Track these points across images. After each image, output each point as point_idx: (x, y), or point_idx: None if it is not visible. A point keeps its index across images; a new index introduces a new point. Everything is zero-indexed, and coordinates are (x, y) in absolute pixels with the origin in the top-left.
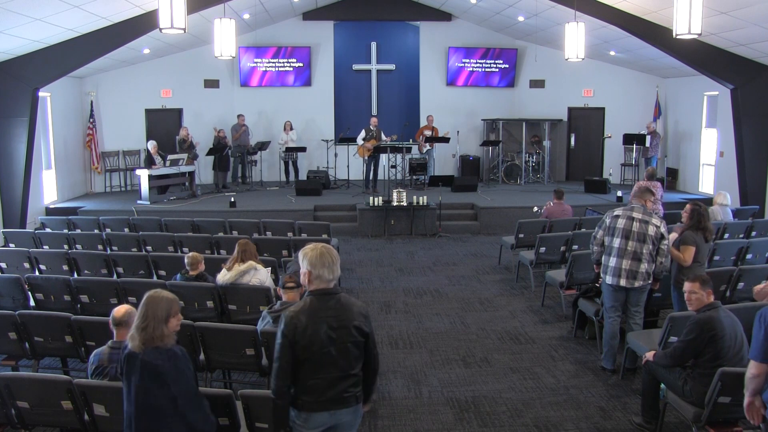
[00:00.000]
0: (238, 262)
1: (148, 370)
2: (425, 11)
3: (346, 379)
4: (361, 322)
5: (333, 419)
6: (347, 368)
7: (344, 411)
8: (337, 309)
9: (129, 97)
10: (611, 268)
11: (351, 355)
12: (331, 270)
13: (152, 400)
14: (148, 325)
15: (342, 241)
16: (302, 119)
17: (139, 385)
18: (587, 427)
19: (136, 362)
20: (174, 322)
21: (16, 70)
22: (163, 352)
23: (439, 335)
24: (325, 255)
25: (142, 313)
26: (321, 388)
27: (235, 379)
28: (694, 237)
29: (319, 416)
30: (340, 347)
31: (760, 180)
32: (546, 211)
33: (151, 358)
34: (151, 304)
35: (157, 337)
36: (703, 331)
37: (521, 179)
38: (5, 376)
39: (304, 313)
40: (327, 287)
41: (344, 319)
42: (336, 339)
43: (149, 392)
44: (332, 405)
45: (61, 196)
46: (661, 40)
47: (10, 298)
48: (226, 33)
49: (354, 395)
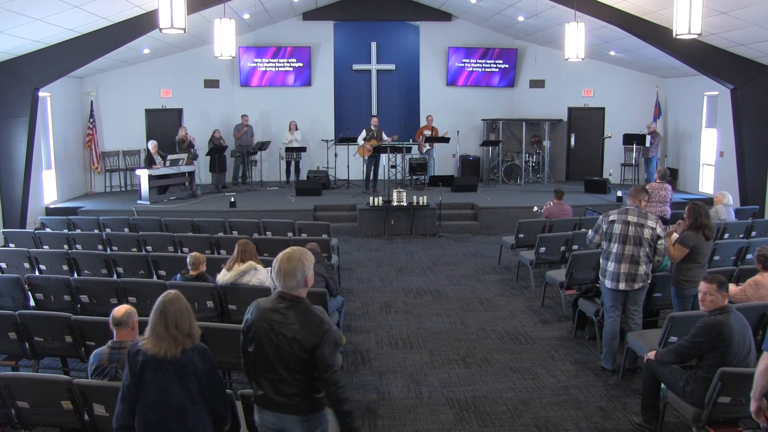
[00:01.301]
0: (238, 262)
1: (183, 371)
2: (425, 11)
3: (287, 385)
4: (306, 339)
5: (280, 423)
6: (285, 375)
7: (290, 417)
8: (289, 316)
9: (129, 97)
10: (610, 273)
11: (290, 366)
12: (280, 276)
13: (181, 401)
14: (192, 327)
15: (342, 241)
16: (302, 119)
17: (171, 388)
18: (587, 427)
19: (164, 365)
20: None
21: (16, 70)
22: (196, 351)
23: (439, 335)
24: (282, 261)
25: (177, 315)
26: (265, 385)
27: (235, 379)
28: (693, 239)
29: (267, 414)
30: (278, 353)
31: (760, 180)
32: (546, 211)
33: (188, 358)
34: (180, 303)
35: (195, 336)
36: (711, 335)
37: (521, 179)
38: (5, 376)
39: (262, 308)
40: (286, 291)
41: (289, 329)
42: (276, 343)
43: (180, 393)
44: (276, 407)
45: (61, 196)
46: (661, 40)
47: (10, 298)
48: (226, 33)
49: (299, 405)
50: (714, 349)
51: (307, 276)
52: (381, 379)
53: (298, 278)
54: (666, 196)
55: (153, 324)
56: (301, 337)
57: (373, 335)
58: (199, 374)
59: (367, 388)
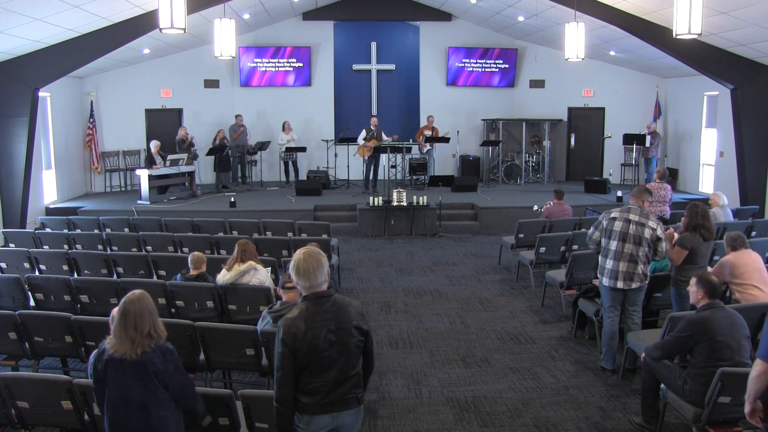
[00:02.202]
0: (238, 262)
1: (143, 371)
2: (425, 11)
3: (348, 381)
4: (360, 321)
5: (335, 422)
6: (348, 369)
7: (346, 413)
8: (334, 311)
9: (129, 97)
10: (608, 271)
11: (352, 356)
12: (307, 277)
13: (143, 400)
14: (152, 328)
15: (342, 241)
16: (302, 119)
17: (131, 387)
18: (587, 427)
19: (125, 365)
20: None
21: (16, 70)
22: (157, 351)
23: (439, 335)
24: (301, 262)
25: (137, 316)
26: (323, 391)
27: (235, 379)
28: (690, 240)
29: (321, 419)
30: (341, 349)
31: (760, 180)
32: (546, 211)
33: (147, 358)
34: (142, 303)
35: (157, 337)
36: (694, 330)
37: (521, 179)
38: (5, 376)
39: (301, 319)
40: (318, 291)
41: (343, 321)
42: (336, 341)
43: (141, 392)
44: (334, 407)
45: (61, 196)
46: (661, 40)
47: (10, 298)
48: (226, 33)
49: (355, 396)
50: (698, 344)
51: (328, 270)
52: (381, 379)
53: (325, 271)
54: (665, 196)
55: (114, 324)
56: (357, 323)
57: (373, 335)
58: (160, 375)
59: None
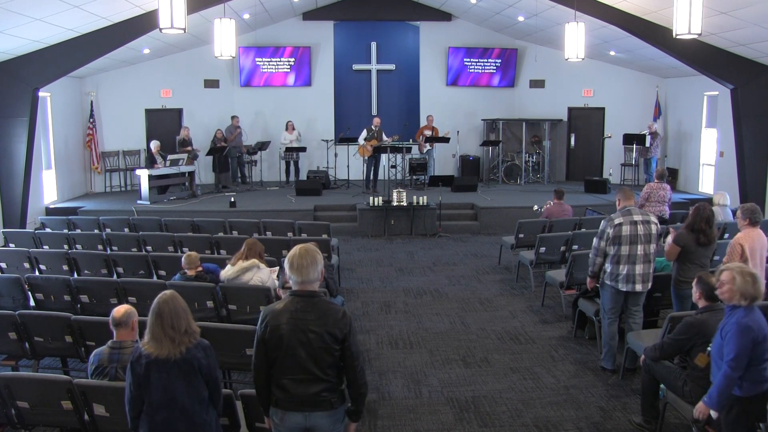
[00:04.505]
0: (242, 259)
1: (190, 369)
2: (425, 11)
3: (318, 382)
4: (336, 329)
5: (307, 421)
6: (318, 372)
7: (319, 414)
8: (313, 312)
9: (129, 97)
10: (624, 276)
11: (322, 361)
12: (300, 272)
13: (188, 399)
14: (188, 326)
15: (342, 241)
16: (302, 119)
17: (176, 387)
18: (587, 427)
19: (168, 365)
20: None
21: (16, 70)
22: (199, 347)
23: (439, 335)
24: (296, 257)
25: (173, 315)
26: (292, 387)
27: (235, 379)
28: (684, 238)
29: (293, 416)
30: (310, 351)
31: (760, 180)
32: (546, 211)
33: (191, 356)
34: (176, 302)
35: (193, 333)
36: (690, 333)
37: (521, 179)
38: (5, 376)
39: (280, 312)
40: (303, 289)
41: (318, 324)
42: (306, 342)
43: (186, 391)
44: (304, 406)
45: (61, 196)
46: (661, 40)
47: (10, 298)
48: (226, 33)
49: (329, 400)
50: (695, 347)
51: (321, 270)
52: (381, 379)
53: (319, 269)
54: (665, 197)
55: (150, 326)
56: (332, 329)
57: (373, 335)
58: (204, 370)
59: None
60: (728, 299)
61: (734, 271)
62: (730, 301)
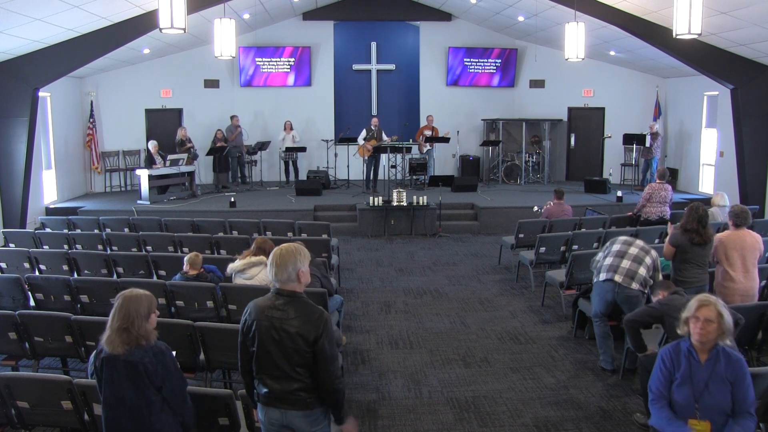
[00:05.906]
0: (251, 255)
1: (134, 371)
2: (425, 11)
3: (292, 381)
4: (308, 332)
5: (284, 418)
6: (291, 371)
7: (294, 413)
8: (289, 312)
9: (129, 97)
10: (606, 266)
11: (292, 361)
12: (273, 270)
13: (136, 401)
14: (132, 325)
15: (342, 241)
16: (302, 119)
17: (124, 387)
18: (587, 427)
19: (118, 364)
20: (154, 318)
21: (16, 70)
22: (149, 351)
23: (439, 335)
24: (275, 255)
25: (123, 313)
26: (269, 383)
27: (235, 379)
28: (677, 238)
29: (272, 412)
30: (282, 349)
31: (760, 180)
32: (546, 211)
33: (138, 358)
34: (132, 302)
35: (141, 336)
36: (661, 306)
37: (521, 179)
38: (5, 376)
39: (260, 307)
40: (287, 288)
41: (291, 325)
42: (278, 341)
43: (134, 393)
44: (281, 403)
45: (61, 196)
46: (661, 40)
47: (10, 298)
48: (226, 33)
49: (305, 399)
50: (663, 319)
51: (299, 270)
52: (381, 379)
53: (290, 271)
54: (666, 197)
55: (109, 321)
56: (303, 331)
57: (373, 335)
58: (151, 375)
59: (367, 388)
60: (714, 340)
61: (717, 305)
62: (719, 341)
